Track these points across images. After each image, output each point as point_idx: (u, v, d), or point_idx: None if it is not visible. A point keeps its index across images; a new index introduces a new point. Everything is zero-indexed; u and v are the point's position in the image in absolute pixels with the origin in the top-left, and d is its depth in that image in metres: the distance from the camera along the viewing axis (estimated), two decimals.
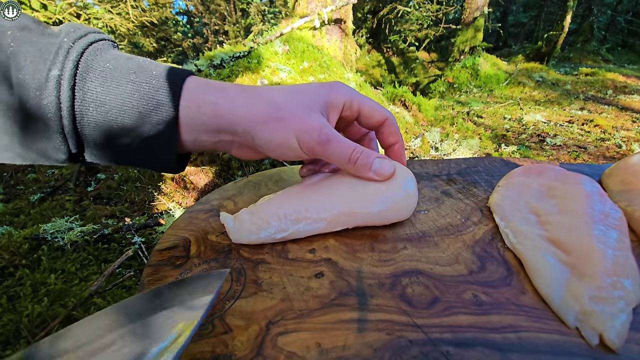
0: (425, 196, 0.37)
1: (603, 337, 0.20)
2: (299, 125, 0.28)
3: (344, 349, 0.20)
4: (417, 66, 5.81)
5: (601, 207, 0.29)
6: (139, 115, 0.27)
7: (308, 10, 2.54)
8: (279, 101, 0.29)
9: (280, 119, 0.28)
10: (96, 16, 3.84)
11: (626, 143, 1.99)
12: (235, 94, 0.29)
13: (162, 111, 0.27)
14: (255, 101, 0.29)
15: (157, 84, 0.27)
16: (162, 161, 0.29)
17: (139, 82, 0.27)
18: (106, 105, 0.26)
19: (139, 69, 0.27)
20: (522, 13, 10.47)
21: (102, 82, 0.26)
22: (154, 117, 0.27)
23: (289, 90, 0.30)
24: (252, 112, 0.28)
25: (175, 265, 0.28)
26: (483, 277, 0.25)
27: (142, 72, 0.27)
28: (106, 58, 0.27)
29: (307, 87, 0.31)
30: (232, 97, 0.28)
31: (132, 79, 0.27)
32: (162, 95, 0.27)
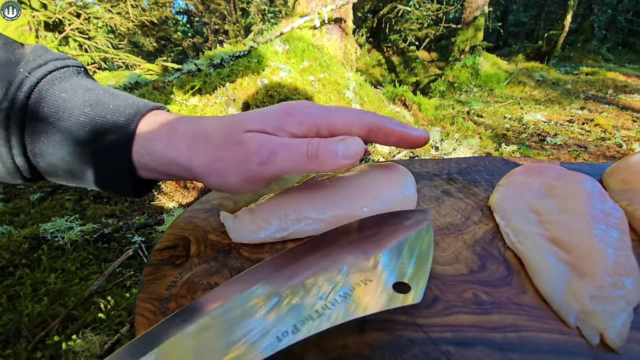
0: (426, 195, 0.37)
1: (604, 336, 0.20)
2: (234, 157, 0.25)
3: (344, 348, 0.20)
4: (417, 65, 5.80)
5: (602, 207, 0.29)
6: (91, 150, 0.26)
7: (308, 9, 2.54)
8: (216, 138, 0.26)
9: (215, 159, 0.26)
10: (96, 15, 3.83)
11: (627, 142, 1.99)
12: (181, 139, 0.27)
13: (114, 148, 0.26)
14: (197, 145, 0.27)
15: (112, 118, 0.26)
16: (120, 191, 0.29)
17: (93, 115, 0.26)
18: (56, 136, 0.26)
19: (96, 102, 0.27)
20: (522, 12, 10.46)
21: (54, 113, 0.25)
22: (107, 154, 0.27)
23: (229, 120, 0.27)
24: (194, 159, 0.27)
25: (175, 265, 0.28)
26: (483, 277, 0.25)
27: (98, 105, 0.27)
28: (63, 88, 0.26)
29: (262, 110, 0.28)
30: (176, 144, 0.27)
31: (87, 111, 0.26)
32: (115, 132, 0.26)
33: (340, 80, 1.97)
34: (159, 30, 5.63)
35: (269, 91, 1.76)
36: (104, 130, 0.26)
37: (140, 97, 0.30)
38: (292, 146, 0.25)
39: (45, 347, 0.64)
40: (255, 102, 1.73)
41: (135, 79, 2.02)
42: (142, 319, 0.23)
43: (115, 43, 4.92)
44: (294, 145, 0.25)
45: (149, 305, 0.24)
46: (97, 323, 0.69)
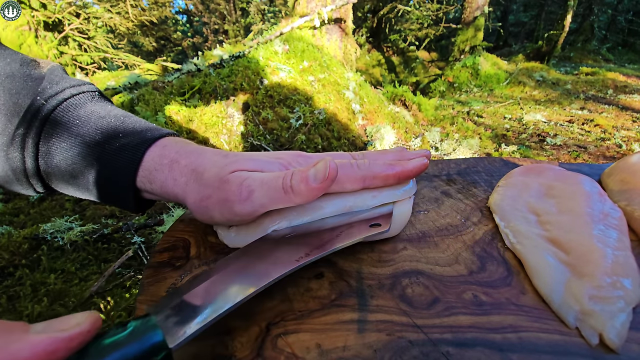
0: (425, 196, 0.37)
1: (603, 336, 0.20)
2: (219, 197, 0.26)
3: (344, 349, 0.20)
4: (417, 65, 5.81)
5: (601, 207, 0.29)
6: (98, 174, 0.29)
7: (308, 9, 2.54)
8: (208, 177, 0.27)
9: (206, 197, 0.27)
10: (95, 15, 3.83)
11: (626, 143, 1.99)
12: (181, 172, 0.29)
13: (119, 175, 0.29)
14: (192, 181, 0.28)
15: (119, 149, 0.28)
16: (124, 207, 0.31)
17: (102, 143, 0.28)
18: (69, 160, 0.28)
19: (107, 129, 0.29)
20: (522, 12, 10.46)
21: (67, 138, 0.28)
22: (113, 178, 0.29)
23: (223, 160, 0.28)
24: (188, 195, 0.28)
25: (175, 267, 0.28)
26: (483, 278, 0.25)
27: (108, 133, 0.29)
28: (78, 115, 0.29)
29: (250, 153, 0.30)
30: (176, 176, 0.29)
31: (98, 139, 0.28)
32: (121, 164, 0.29)
33: (340, 80, 1.97)
34: (158, 30, 5.62)
35: (268, 91, 1.76)
36: (111, 159, 0.28)
37: (140, 97, 0.30)
38: (269, 182, 0.25)
39: None
40: (254, 102, 1.73)
41: (134, 79, 2.02)
42: None
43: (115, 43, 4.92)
44: (271, 181, 0.25)
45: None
46: None
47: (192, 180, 0.28)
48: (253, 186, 0.25)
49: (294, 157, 0.30)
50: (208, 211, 0.28)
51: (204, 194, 0.27)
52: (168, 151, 0.30)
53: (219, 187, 0.26)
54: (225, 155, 0.29)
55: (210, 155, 0.29)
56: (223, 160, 0.28)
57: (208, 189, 0.27)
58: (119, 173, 0.29)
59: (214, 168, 0.28)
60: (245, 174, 0.27)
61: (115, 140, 0.28)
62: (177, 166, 0.29)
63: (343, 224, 0.28)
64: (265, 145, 1.53)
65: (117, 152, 0.28)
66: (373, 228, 0.27)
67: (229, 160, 0.28)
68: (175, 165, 0.29)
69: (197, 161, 0.29)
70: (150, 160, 0.29)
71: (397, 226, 0.29)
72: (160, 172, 0.29)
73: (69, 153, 0.28)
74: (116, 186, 0.29)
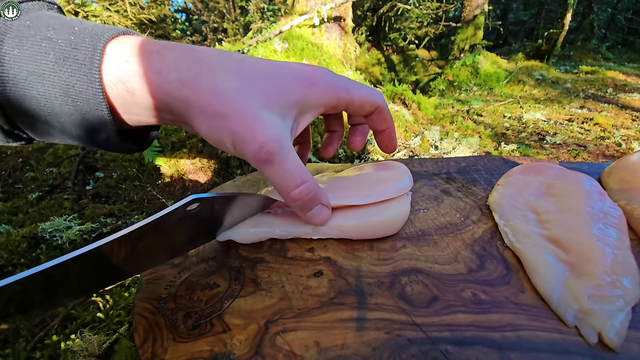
0: (425, 195, 0.37)
1: (602, 335, 0.20)
2: (237, 130, 0.22)
3: (343, 347, 0.20)
4: (417, 64, 5.80)
5: (600, 206, 0.29)
6: (59, 80, 0.22)
7: (307, 7, 2.53)
8: (228, 89, 0.22)
9: (218, 114, 0.22)
10: (94, 13, 3.82)
11: (626, 142, 1.99)
12: (172, 65, 0.22)
13: (81, 74, 0.22)
14: (194, 81, 0.22)
15: (76, 41, 0.22)
16: (104, 140, 0.24)
17: (56, 38, 0.22)
18: (23, 70, 0.22)
19: (61, 25, 0.22)
20: (522, 11, 10.44)
21: (18, 44, 0.22)
22: (74, 83, 0.22)
23: (248, 74, 0.23)
24: (188, 97, 0.22)
25: (174, 265, 0.28)
26: (482, 276, 0.25)
27: (62, 28, 0.22)
28: (29, 17, 0.23)
29: (277, 73, 0.24)
30: (163, 69, 0.22)
31: (50, 35, 0.22)
32: (81, 54, 0.22)
33: None
34: (157, 28, 5.61)
35: None
36: (67, 53, 0.22)
37: None
38: (286, 173, 0.24)
39: (44, 347, 0.64)
40: None
41: None
42: (140, 318, 0.23)
43: None
44: (287, 173, 0.24)
45: (148, 305, 0.24)
46: (95, 322, 0.69)
47: (195, 83, 0.22)
48: (274, 158, 0.23)
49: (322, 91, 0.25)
50: (212, 128, 0.23)
51: (216, 109, 0.22)
52: (148, 41, 0.23)
53: (246, 117, 0.22)
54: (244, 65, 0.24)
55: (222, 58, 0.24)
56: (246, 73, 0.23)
57: (225, 106, 0.22)
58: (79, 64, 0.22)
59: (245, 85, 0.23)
60: (273, 136, 0.23)
61: (68, 33, 0.22)
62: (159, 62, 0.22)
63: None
64: None
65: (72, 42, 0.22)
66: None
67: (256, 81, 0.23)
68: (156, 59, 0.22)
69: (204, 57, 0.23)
70: (119, 49, 0.22)
71: (396, 224, 0.29)
72: (139, 64, 0.22)
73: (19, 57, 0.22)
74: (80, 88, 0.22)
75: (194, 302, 0.24)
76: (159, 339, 0.21)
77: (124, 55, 0.22)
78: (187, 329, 0.22)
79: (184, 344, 0.21)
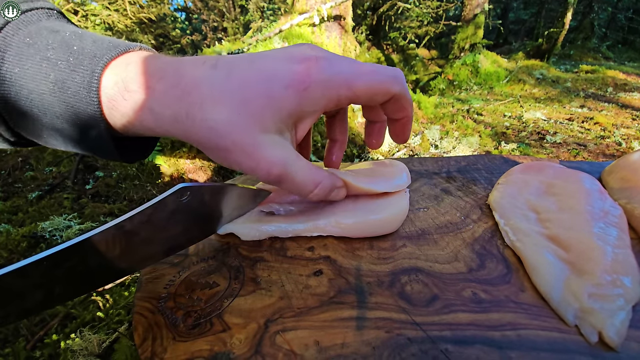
0: (425, 194, 0.37)
1: (602, 334, 0.20)
2: (241, 160, 0.23)
3: (343, 346, 0.20)
4: (417, 63, 5.79)
5: (601, 205, 0.29)
6: (58, 102, 0.22)
7: (307, 6, 2.53)
8: (219, 122, 0.22)
9: (220, 148, 0.23)
10: (94, 12, 3.81)
11: (626, 141, 1.99)
12: (163, 101, 0.22)
13: (81, 96, 0.22)
14: (187, 118, 0.22)
15: (74, 62, 0.22)
16: (104, 155, 0.25)
17: (55, 59, 0.22)
18: (24, 88, 0.22)
19: (60, 44, 0.22)
20: (522, 10, 10.43)
21: (19, 62, 0.22)
22: (74, 104, 0.22)
23: (237, 95, 0.22)
24: (185, 133, 0.22)
25: (173, 264, 0.28)
26: (482, 275, 0.25)
27: (61, 47, 0.22)
28: (28, 32, 0.23)
29: (266, 83, 0.22)
30: (158, 107, 0.22)
31: (49, 55, 0.22)
32: (80, 76, 0.22)
33: None
34: (157, 27, 5.60)
35: None
36: (66, 76, 0.22)
37: None
38: (299, 181, 0.25)
39: (44, 346, 0.64)
40: None
41: None
42: (140, 317, 0.23)
43: None
44: (300, 181, 0.25)
45: (147, 304, 0.24)
46: (95, 322, 0.69)
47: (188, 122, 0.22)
48: (284, 175, 0.24)
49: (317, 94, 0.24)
50: (220, 159, 0.24)
51: (217, 144, 0.23)
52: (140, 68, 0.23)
53: (247, 147, 0.22)
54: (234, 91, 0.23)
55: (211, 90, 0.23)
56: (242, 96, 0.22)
57: (224, 140, 0.22)
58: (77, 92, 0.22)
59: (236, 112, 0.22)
60: (280, 155, 0.23)
61: (67, 54, 0.22)
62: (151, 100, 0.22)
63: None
64: None
65: (71, 64, 0.22)
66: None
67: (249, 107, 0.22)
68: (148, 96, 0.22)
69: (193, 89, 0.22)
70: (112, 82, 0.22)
71: (395, 222, 0.29)
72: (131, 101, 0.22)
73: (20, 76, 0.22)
74: (81, 116, 0.22)
75: (194, 301, 0.24)
76: (158, 338, 0.21)
77: (121, 82, 0.22)
78: (186, 328, 0.22)
79: (184, 343, 0.21)
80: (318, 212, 0.30)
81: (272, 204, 0.31)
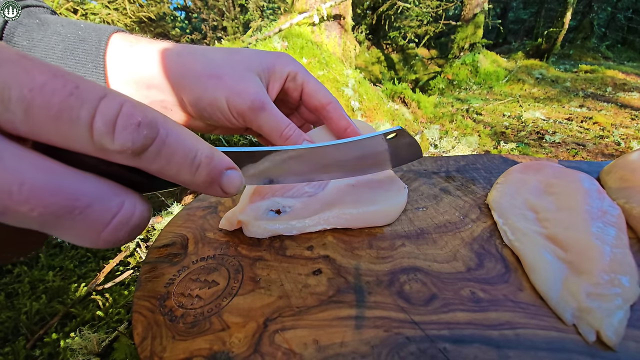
0: (424, 193, 0.37)
1: (600, 334, 0.20)
2: (232, 86, 0.27)
3: (342, 345, 0.20)
4: (416, 63, 5.79)
5: (599, 204, 0.29)
6: (65, 66, 0.26)
7: (307, 6, 2.52)
8: (215, 59, 0.28)
9: (213, 76, 0.27)
10: (93, 11, 3.80)
11: (625, 140, 2.00)
12: (168, 47, 0.28)
13: (87, 61, 0.26)
14: (188, 54, 0.28)
15: (83, 35, 0.26)
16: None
17: (65, 33, 0.26)
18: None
19: (68, 23, 0.27)
20: (522, 10, 10.43)
21: (28, 37, 0.25)
22: (80, 69, 0.26)
23: (227, 51, 0.29)
24: (184, 64, 0.27)
25: (173, 263, 0.28)
26: (481, 274, 0.25)
27: (70, 25, 0.26)
28: (37, 17, 0.26)
29: (248, 50, 0.30)
30: (163, 50, 0.27)
31: (59, 30, 0.26)
32: (88, 44, 0.26)
33: (339, 77, 1.96)
34: (156, 26, 5.58)
35: None
36: (75, 45, 0.26)
37: None
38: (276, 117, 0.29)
39: (43, 345, 0.64)
40: None
41: None
42: (140, 316, 0.23)
43: None
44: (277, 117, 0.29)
45: (147, 303, 0.24)
46: (95, 321, 0.69)
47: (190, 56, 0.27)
48: (266, 105, 0.28)
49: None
50: (207, 89, 0.27)
51: (211, 72, 0.27)
52: (140, 36, 0.29)
53: (236, 77, 0.27)
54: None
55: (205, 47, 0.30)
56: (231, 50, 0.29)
57: (218, 69, 0.27)
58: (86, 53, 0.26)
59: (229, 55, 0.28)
60: (264, 88, 0.28)
61: (75, 28, 0.26)
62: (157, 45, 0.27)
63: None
64: None
65: (80, 36, 0.26)
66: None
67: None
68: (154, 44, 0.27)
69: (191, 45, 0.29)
70: (121, 38, 0.27)
71: (394, 212, 0.31)
72: (140, 47, 0.27)
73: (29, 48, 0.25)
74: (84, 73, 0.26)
75: (193, 300, 0.24)
76: (158, 337, 0.21)
77: (128, 41, 0.27)
78: (186, 327, 0.22)
79: (183, 342, 0.21)
80: (320, 206, 0.31)
81: (277, 198, 0.32)
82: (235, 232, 0.31)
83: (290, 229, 0.30)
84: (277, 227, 0.29)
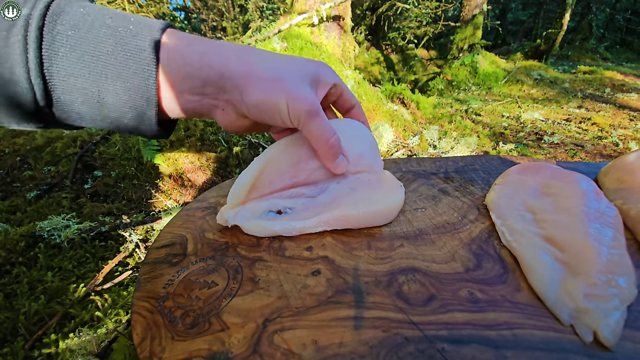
0: (423, 194, 0.37)
1: (597, 334, 0.20)
2: (293, 90, 0.28)
3: (340, 346, 0.20)
4: (416, 64, 5.80)
5: (597, 205, 0.29)
6: (115, 62, 0.24)
7: (306, 6, 2.52)
8: (278, 63, 0.29)
9: (275, 79, 0.28)
10: None
11: (623, 141, 2.00)
12: (225, 46, 0.28)
13: (140, 58, 0.25)
14: (248, 56, 0.28)
15: (135, 29, 0.25)
16: (141, 120, 0.27)
17: (115, 26, 0.24)
18: (77, 50, 0.24)
19: (115, 14, 0.25)
20: (521, 11, 10.46)
21: (74, 26, 0.23)
22: (131, 65, 0.25)
23: (285, 56, 0.30)
24: (247, 66, 0.27)
25: (172, 263, 0.28)
26: (479, 275, 0.25)
27: (118, 17, 0.25)
28: (81, 4, 0.25)
29: (299, 58, 0.31)
30: (221, 49, 0.27)
31: (108, 22, 0.24)
32: (141, 40, 0.25)
33: None
34: None
35: None
36: (127, 40, 0.24)
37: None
38: (326, 125, 0.30)
39: (42, 346, 0.63)
40: None
41: None
42: (139, 317, 0.23)
43: None
44: (327, 125, 0.30)
45: (146, 304, 0.24)
46: (94, 321, 0.69)
47: (250, 57, 0.28)
48: (320, 112, 0.29)
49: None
50: (269, 92, 0.27)
51: (273, 75, 0.28)
52: (194, 35, 0.29)
53: (295, 83, 0.28)
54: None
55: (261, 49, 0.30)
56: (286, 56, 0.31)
57: (280, 73, 0.28)
58: (139, 49, 0.25)
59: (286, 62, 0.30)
60: (316, 96, 0.30)
61: (126, 21, 0.25)
62: (214, 44, 0.28)
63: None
64: (263, 142, 1.52)
65: (132, 30, 0.25)
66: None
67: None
68: (211, 42, 0.28)
69: (248, 46, 0.30)
70: (175, 35, 0.27)
71: (393, 212, 0.31)
72: (197, 44, 0.27)
73: (76, 41, 0.24)
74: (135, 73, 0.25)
75: (192, 301, 0.24)
76: (157, 338, 0.21)
77: (184, 39, 0.27)
78: (185, 328, 0.22)
79: (182, 343, 0.21)
80: (320, 208, 0.31)
81: (276, 200, 0.32)
82: (234, 232, 0.31)
83: (290, 230, 0.30)
84: (277, 228, 0.30)
